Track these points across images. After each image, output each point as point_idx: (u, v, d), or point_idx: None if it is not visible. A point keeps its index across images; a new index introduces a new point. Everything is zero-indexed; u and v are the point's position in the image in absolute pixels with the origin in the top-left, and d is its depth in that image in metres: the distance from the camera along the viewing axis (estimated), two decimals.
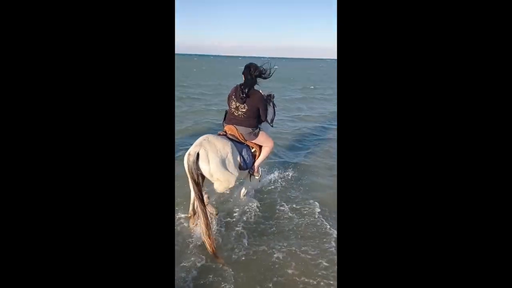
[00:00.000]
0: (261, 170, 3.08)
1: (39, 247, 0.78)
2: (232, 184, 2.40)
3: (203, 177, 2.26)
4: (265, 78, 2.63)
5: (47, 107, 0.81)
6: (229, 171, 2.30)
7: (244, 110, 2.61)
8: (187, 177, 2.21)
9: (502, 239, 0.75)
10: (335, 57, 1.12)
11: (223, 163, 2.27)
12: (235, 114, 2.67)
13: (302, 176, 3.63)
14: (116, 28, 0.86)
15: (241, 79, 2.60)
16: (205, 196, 2.29)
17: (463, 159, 0.79)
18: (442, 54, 0.81)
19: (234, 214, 2.74)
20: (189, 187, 2.23)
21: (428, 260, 0.79)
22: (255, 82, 2.61)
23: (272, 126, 3.08)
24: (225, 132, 2.68)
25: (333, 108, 8.16)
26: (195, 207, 2.35)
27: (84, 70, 0.84)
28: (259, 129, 2.81)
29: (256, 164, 2.83)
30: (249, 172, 2.80)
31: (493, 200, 0.76)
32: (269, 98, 3.02)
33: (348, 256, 0.85)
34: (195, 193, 2.12)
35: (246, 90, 2.56)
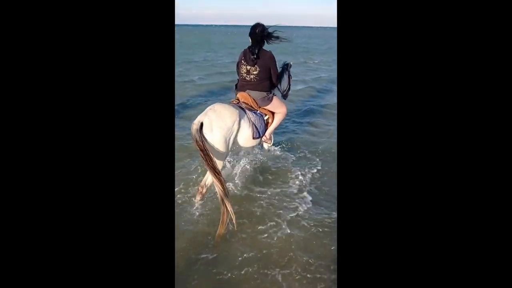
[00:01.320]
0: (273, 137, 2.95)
1: (38, 246, 0.78)
2: (227, 154, 2.26)
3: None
4: (274, 41, 2.49)
5: (41, 101, 0.80)
6: (230, 142, 2.18)
7: (256, 72, 2.46)
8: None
9: (502, 239, 0.75)
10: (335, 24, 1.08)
11: (228, 132, 2.14)
12: (247, 79, 2.51)
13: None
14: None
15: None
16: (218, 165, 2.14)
17: (463, 158, 0.79)
18: (442, 55, 0.81)
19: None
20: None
21: (428, 260, 0.79)
22: (263, 43, 2.46)
23: (285, 99, 2.91)
24: (238, 99, 2.51)
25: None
26: (206, 182, 2.26)
27: (80, 49, 0.83)
28: (273, 94, 2.62)
29: (269, 131, 2.70)
30: (261, 139, 2.67)
31: (493, 200, 0.76)
32: (285, 67, 2.90)
33: (348, 257, 0.85)
34: (205, 161, 1.96)
35: (256, 50, 2.41)
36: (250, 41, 2.45)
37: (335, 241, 1.92)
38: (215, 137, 2.08)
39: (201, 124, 2.03)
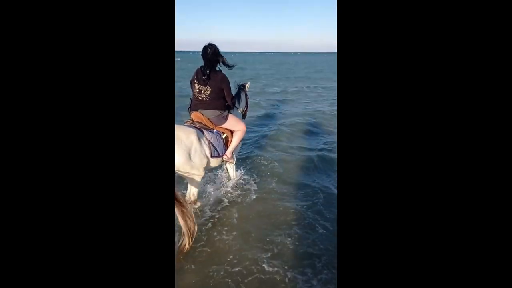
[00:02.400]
0: (235, 156, 2.92)
1: (38, 246, 0.78)
2: (201, 174, 2.27)
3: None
4: (224, 63, 2.54)
5: (42, 104, 0.80)
6: (195, 162, 2.18)
7: (208, 92, 2.49)
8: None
9: (502, 240, 0.74)
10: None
11: (189, 154, 2.13)
12: (199, 98, 2.53)
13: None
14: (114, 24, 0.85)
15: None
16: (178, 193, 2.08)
17: (463, 160, 0.78)
18: (442, 57, 0.80)
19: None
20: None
21: (429, 261, 0.78)
22: (215, 63, 2.49)
23: (244, 118, 2.97)
24: (192, 120, 2.50)
25: None
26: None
27: (82, 65, 0.83)
28: (227, 112, 2.64)
29: (229, 150, 2.68)
30: (223, 159, 2.64)
31: (493, 200, 0.76)
32: (241, 87, 2.99)
33: (348, 257, 0.84)
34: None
35: (207, 71, 2.44)
36: (203, 61, 2.48)
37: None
38: (179, 161, 2.05)
39: None
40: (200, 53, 2.46)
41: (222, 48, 2.52)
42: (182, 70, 16.47)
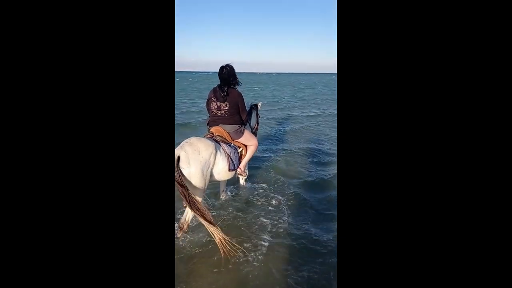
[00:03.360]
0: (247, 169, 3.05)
1: (39, 246, 0.78)
2: (204, 189, 2.27)
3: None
4: (236, 83, 2.72)
5: (42, 104, 0.80)
6: (206, 176, 2.22)
7: (226, 108, 2.64)
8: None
9: (502, 240, 0.74)
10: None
11: (204, 165, 2.18)
12: (218, 114, 2.67)
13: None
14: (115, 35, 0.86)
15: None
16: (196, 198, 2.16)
17: (463, 160, 0.78)
18: (442, 65, 0.81)
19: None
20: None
21: (429, 261, 0.78)
22: (231, 82, 2.68)
23: (255, 135, 3.13)
24: (212, 133, 2.63)
25: None
26: (186, 218, 2.27)
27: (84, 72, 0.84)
28: (244, 127, 2.80)
29: (243, 164, 2.81)
30: (236, 172, 2.76)
31: (493, 200, 0.75)
32: (254, 107, 3.14)
33: (348, 257, 0.84)
34: (182, 195, 1.98)
35: (225, 88, 2.62)
36: (219, 80, 2.68)
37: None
38: (192, 171, 2.11)
39: (178, 158, 2.06)
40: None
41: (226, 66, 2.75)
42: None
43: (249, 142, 2.81)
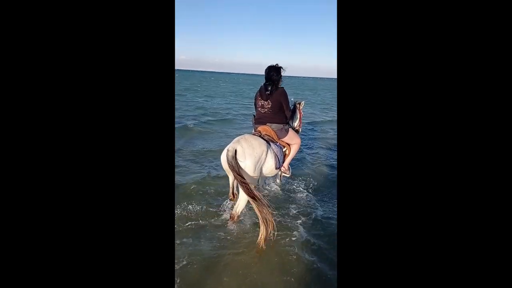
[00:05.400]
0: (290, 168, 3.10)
1: (39, 245, 0.78)
2: (254, 183, 2.42)
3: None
4: (277, 79, 2.72)
5: (42, 104, 0.80)
6: (257, 171, 2.34)
7: (269, 106, 2.71)
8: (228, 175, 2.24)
9: (502, 240, 0.73)
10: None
11: (257, 161, 2.31)
12: (262, 112, 2.75)
13: None
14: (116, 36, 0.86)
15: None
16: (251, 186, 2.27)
17: (463, 160, 0.78)
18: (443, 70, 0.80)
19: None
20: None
21: (429, 262, 0.78)
22: (277, 80, 2.72)
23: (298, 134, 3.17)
24: (260, 132, 2.71)
25: None
26: (237, 210, 2.39)
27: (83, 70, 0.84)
28: (288, 126, 2.85)
29: (287, 162, 2.87)
30: (280, 170, 2.82)
31: (493, 200, 0.75)
32: (297, 105, 3.19)
33: (348, 257, 0.84)
34: (240, 184, 2.13)
35: (269, 87, 2.67)
36: (265, 79, 2.74)
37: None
38: (247, 165, 2.25)
39: (235, 151, 2.20)
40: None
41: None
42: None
43: (293, 141, 2.87)
